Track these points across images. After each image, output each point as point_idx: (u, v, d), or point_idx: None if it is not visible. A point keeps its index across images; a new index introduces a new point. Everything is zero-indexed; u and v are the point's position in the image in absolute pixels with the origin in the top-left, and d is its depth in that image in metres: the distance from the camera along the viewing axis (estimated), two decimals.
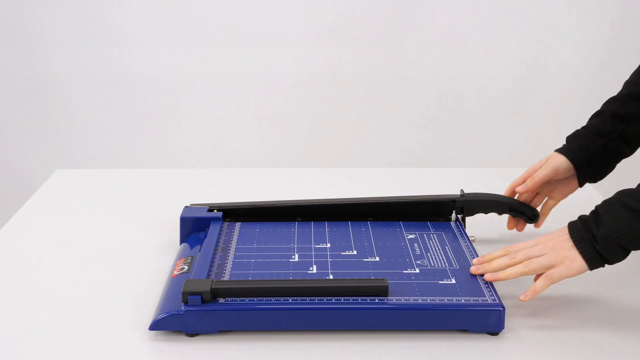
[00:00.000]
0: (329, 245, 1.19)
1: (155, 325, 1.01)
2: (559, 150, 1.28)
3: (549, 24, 2.44)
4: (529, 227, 1.32)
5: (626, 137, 1.26)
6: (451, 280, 1.07)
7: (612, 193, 1.07)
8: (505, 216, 1.33)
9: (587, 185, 1.31)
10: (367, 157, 2.58)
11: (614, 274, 1.19)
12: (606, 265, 1.04)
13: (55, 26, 2.45)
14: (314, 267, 1.12)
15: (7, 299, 1.13)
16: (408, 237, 1.22)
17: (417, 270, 1.10)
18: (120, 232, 1.36)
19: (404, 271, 1.10)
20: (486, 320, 1.01)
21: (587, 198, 1.39)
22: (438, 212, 1.30)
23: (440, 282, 1.07)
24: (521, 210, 1.30)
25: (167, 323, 1.00)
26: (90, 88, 2.51)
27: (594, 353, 0.99)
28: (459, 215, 1.29)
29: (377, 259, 1.14)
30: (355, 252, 1.16)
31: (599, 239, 1.02)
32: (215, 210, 1.28)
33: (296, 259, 1.14)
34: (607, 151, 1.26)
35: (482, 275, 1.08)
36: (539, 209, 1.32)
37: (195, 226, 1.26)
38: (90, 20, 2.45)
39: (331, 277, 1.09)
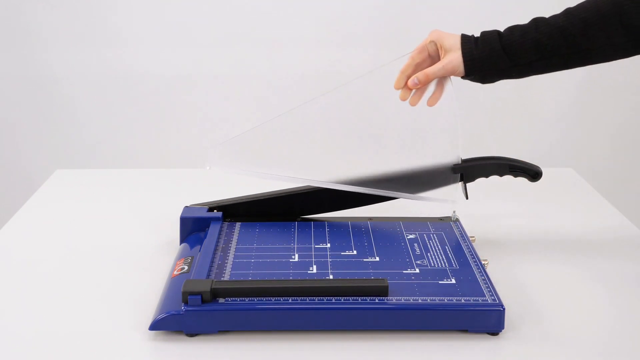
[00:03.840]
0: (329, 245, 1.19)
1: (155, 325, 1.00)
2: (464, 48, 1.18)
3: None
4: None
5: (533, 66, 1.18)
6: (451, 280, 1.07)
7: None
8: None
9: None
10: None
11: (614, 274, 1.19)
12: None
13: (55, 26, 2.45)
14: (314, 267, 1.12)
15: (7, 298, 1.13)
16: (408, 237, 1.22)
17: (417, 270, 1.10)
18: (120, 232, 1.36)
19: (404, 271, 1.10)
20: (486, 320, 1.01)
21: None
22: (438, 182, 1.27)
23: (440, 282, 1.07)
24: (523, 169, 1.26)
25: (167, 323, 1.00)
26: (90, 88, 2.51)
27: (594, 353, 0.99)
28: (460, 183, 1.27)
29: (377, 259, 1.14)
30: (355, 252, 1.16)
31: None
32: (215, 210, 1.29)
33: (296, 259, 1.14)
34: (504, 73, 1.19)
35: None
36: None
37: (195, 226, 1.26)
38: (90, 20, 2.45)
39: (331, 277, 1.09)
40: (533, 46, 1.16)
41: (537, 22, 1.17)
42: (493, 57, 1.17)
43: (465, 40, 1.18)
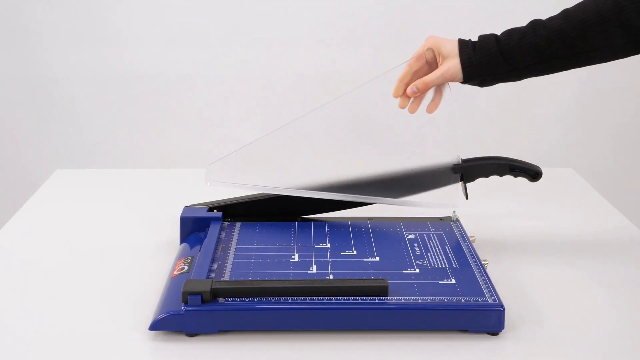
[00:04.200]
0: (329, 245, 1.19)
1: (155, 325, 1.01)
2: (462, 55, 1.18)
3: None
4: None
5: (532, 69, 1.18)
6: (451, 280, 1.07)
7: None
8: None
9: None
10: None
11: (614, 274, 1.19)
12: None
13: (55, 26, 2.45)
14: (314, 267, 1.12)
15: (7, 298, 1.13)
16: (408, 237, 1.22)
17: (417, 270, 1.10)
18: (120, 232, 1.36)
19: (404, 271, 1.10)
20: (486, 320, 1.01)
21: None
22: (438, 182, 1.28)
23: (440, 282, 1.07)
24: (523, 169, 1.26)
25: (167, 323, 1.00)
26: (90, 88, 2.51)
27: (594, 353, 0.99)
28: (460, 183, 1.27)
29: (377, 259, 1.14)
30: (355, 252, 1.16)
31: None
32: (215, 210, 1.29)
33: (296, 259, 1.14)
34: (503, 77, 1.19)
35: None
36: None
37: (195, 226, 1.26)
38: (90, 20, 2.45)
39: (331, 277, 1.09)
40: (531, 50, 1.15)
41: (535, 25, 1.16)
42: (491, 62, 1.17)
43: (463, 46, 1.18)
